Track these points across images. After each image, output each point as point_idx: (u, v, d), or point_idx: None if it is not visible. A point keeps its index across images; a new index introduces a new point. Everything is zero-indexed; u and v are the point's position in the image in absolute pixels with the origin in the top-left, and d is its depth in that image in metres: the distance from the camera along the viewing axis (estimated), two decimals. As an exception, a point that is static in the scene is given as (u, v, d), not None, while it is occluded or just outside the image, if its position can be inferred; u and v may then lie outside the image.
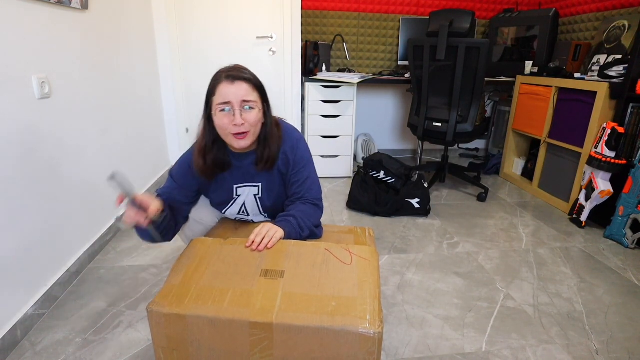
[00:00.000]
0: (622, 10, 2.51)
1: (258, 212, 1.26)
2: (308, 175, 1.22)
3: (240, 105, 1.03)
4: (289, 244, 1.03)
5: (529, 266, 1.73)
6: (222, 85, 1.03)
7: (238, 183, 1.20)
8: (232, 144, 1.08)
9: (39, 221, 1.34)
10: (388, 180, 2.32)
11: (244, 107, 1.03)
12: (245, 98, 1.03)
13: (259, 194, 1.22)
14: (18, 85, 1.25)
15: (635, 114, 1.94)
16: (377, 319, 0.78)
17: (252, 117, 1.04)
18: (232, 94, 1.02)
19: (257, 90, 1.07)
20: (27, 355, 1.17)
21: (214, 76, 1.07)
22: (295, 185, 1.20)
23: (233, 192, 1.21)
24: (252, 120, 1.05)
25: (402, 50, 3.17)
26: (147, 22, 2.46)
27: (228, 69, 1.06)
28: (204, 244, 1.04)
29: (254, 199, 1.23)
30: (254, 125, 1.06)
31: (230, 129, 1.04)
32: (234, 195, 1.21)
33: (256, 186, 1.21)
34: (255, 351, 0.81)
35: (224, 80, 1.03)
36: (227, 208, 1.24)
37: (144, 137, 2.36)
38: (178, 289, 0.86)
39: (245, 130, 1.05)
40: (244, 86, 1.03)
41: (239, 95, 1.02)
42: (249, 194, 1.22)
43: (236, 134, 1.05)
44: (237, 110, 1.02)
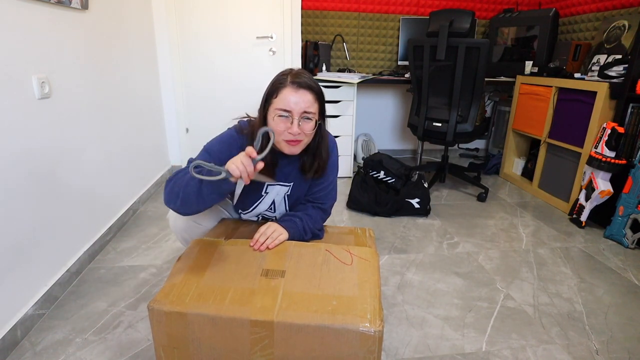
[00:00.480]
0: (622, 10, 2.51)
1: (284, 210, 1.28)
2: (330, 182, 1.24)
3: (300, 115, 1.02)
4: (289, 244, 1.04)
5: (529, 266, 1.73)
6: (286, 90, 1.02)
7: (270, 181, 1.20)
8: (282, 148, 1.07)
9: (39, 221, 1.34)
10: (388, 180, 2.32)
11: (304, 117, 1.03)
12: (307, 109, 1.02)
13: (288, 192, 1.23)
14: (18, 85, 1.25)
15: (635, 114, 1.95)
16: (378, 318, 0.79)
17: (309, 128, 1.04)
18: (294, 102, 1.01)
19: (318, 101, 1.07)
20: (27, 355, 1.17)
21: (278, 76, 1.06)
22: (316, 187, 1.23)
23: (263, 189, 1.21)
24: (308, 130, 1.05)
25: (402, 50, 3.18)
26: (147, 22, 2.46)
27: (295, 73, 1.04)
28: (205, 244, 1.04)
29: (284, 198, 1.24)
30: (308, 135, 1.06)
31: (285, 135, 1.03)
32: (262, 192, 1.22)
33: (288, 186, 1.22)
34: (255, 349, 0.81)
35: (289, 86, 1.02)
36: (255, 206, 1.25)
37: (144, 137, 2.36)
38: (179, 288, 0.86)
39: (300, 139, 1.05)
40: (308, 97, 1.02)
41: (301, 105, 1.01)
42: (280, 192, 1.23)
43: (289, 141, 1.05)
44: (296, 119, 1.02)
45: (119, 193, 1.99)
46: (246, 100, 2.78)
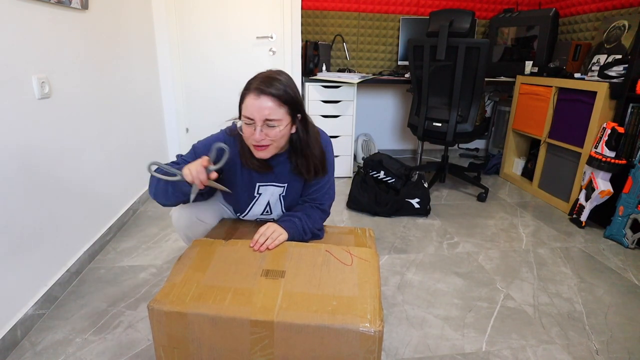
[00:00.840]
0: (622, 10, 2.51)
1: (281, 211, 1.28)
2: (327, 181, 1.23)
3: (262, 122, 1.00)
4: (290, 245, 1.04)
5: (529, 266, 1.73)
6: (249, 97, 1.00)
7: (262, 181, 1.19)
8: (253, 152, 1.08)
9: (39, 221, 1.34)
10: (388, 180, 2.32)
11: (267, 124, 1.01)
12: (269, 117, 1.00)
13: (283, 193, 1.23)
14: (18, 85, 1.25)
15: (635, 114, 1.95)
16: (378, 318, 0.79)
17: (274, 133, 1.02)
18: (255, 110, 0.99)
19: (286, 104, 1.02)
20: (27, 355, 1.17)
21: (248, 81, 1.04)
22: (312, 187, 1.22)
23: (255, 189, 1.21)
24: (275, 135, 1.03)
25: (402, 50, 3.18)
26: (147, 22, 2.46)
27: (261, 78, 1.02)
28: (205, 245, 1.04)
29: (279, 199, 1.24)
30: (275, 140, 1.04)
31: (250, 140, 1.04)
32: (255, 193, 1.21)
33: (282, 187, 1.21)
34: (255, 349, 0.81)
35: (252, 93, 1.00)
36: (250, 208, 1.24)
37: (144, 136, 2.36)
38: (179, 288, 0.86)
39: (266, 144, 1.04)
40: (269, 104, 0.99)
41: (262, 113, 0.99)
42: (274, 193, 1.22)
43: (256, 146, 1.05)
44: (259, 127, 1.00)
45: (119, 193, 1.99)
46: (246, 100, 2.78)
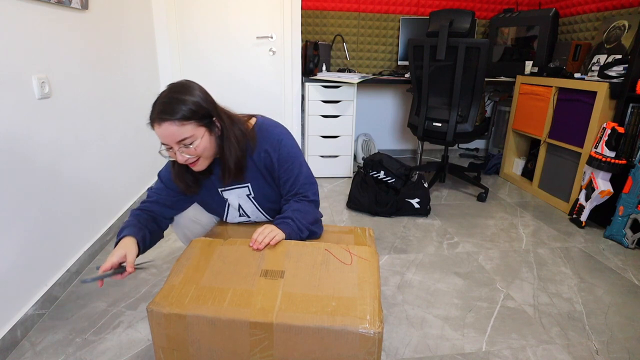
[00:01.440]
0: (622, 10, 2.51)
1: (259, 213, 1.25)
2: (298, 172, 1.16)
3: (177, 145, 0.98)
4: (289, 244, 1.03)
5: (529, 266, 1.73)
6: (155, 127, 0.98)
7: (221, 187, 1.19)
8: None
9: (39, 221, 1.34)
10: (388, 180, 2.32)
11: (181, 145, 0.99)
12: (178, 139, 0.97)
13: (251, 194, 1.20)
14: (18, 85, 1.25)
15: (635, 114, 1.94)
16: (377, 319, 0.78)
17: (193, 150, 1.00)
18: (164, 137, 0.97)
19: (190, 120, 0.97)
20: (27, 355, 1.17)
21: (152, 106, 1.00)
22: (287, 183, 1.16)
23: (221, 195, 1.20)
24: (197, 151, 1.01)
25: (402, 50, 3.17)
26: (147, 22, 2.46)
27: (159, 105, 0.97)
28: (204, 244, 1.04)
29: (249, 200, 1.21)
30: (200, 153, 1.02)
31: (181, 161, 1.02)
32: (222, 197, 1.20)
33: (245, 186, 1.18)
34: (255, 351, 0.81)
35: (155, 123, 0.97)
36: (226, 214, 1.25)
37: (143, 136, 2.36)
38: (178, 289, 0.86)
39: (194, 160, 1.03)
40: (172, 129, 0.95)
41: (172, 138, 0.97)
42: (241, 195, 1.20)
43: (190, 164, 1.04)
44: (177, 150, 0.99)
45: (119, 193, 1.99)
46: (246, 100, 2.78)
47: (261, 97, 2.79)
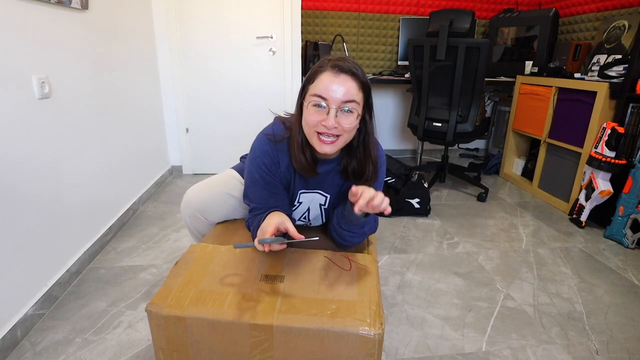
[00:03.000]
0: (622, 10, 2.51)
1: (320, 219, 1.16)
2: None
3: (338, 105, 0.86)
4: (288, 251, 1.03)
5: (529, 266, 1.73)
6: (324, 74, 0.86)
7: (302, 189, 1.07)
8: (314, 145, 0.91)
9: (39, 221, 1.34)
10: (388, 180, 2.32)
11: (342, 108, 0.86)
12: (347, 98, 0.85)
13: (325, 205, 1.10)
14: (18, 85, 1.24)
15: (635, 114, 1.94)
16: (378, 321, 0.78)
17: (348, 122, 0.87)
18: (332, 89, 0.85)
19: (363, 91, 0.89)
20: (27, 355, 1.17)
21: (318, 62, 0.90)
22: None
23: (296, 197, 1.09)
24: (347, 125, 0.87)
25: (402, 50, 3.17)
26: (147, 22, 2.46)
27: (336, 57, 0.89)
28: (203, 250, 1.04)
29: (319, 208, 1.12)
30: (347, 131, 0.89)
31: (318, 127, 0.87)
32: (295, 201, 1.10)
33: (324, 196, 1.07)
34: (255, 352, 0.81)
35: (328, 70, 0.86)
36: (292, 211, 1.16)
37: (144, 136, 2.36)
38: (177, 291, 0.86)
39: (337, 134, 0.88)
40: (349, 83, 0.86)
41: (341, 93, 0.85)
42: (314, 201, 1.10)
43: (323, 136, 0.88)
44: (333, 109, 0.85)
45: (119, 193, 1.99)
46: (246, 100, 2.78)
47: (261, 97, 2.79)
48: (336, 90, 0.85)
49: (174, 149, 2.84)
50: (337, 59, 0.88)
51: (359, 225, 0.98)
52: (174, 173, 2.89)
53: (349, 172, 1.00)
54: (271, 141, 0.99)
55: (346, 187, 1.04)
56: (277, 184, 1.02)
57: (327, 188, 1.07)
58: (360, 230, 1.01)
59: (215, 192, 1.18)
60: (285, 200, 1.06)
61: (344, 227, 1.01)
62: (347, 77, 0.86)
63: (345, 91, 0.85)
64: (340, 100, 0.85)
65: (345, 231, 1.01)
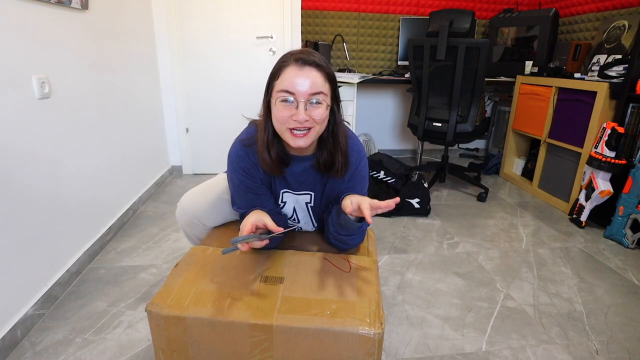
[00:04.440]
0: (622, 10, 2.51)
1: (310, 222, 1.15)
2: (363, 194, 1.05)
3: (306, 97, 0.85)
4: (287, 253, 1.03)
5: (529, 266, 1.73)
6: (288, 69, 0.85)
7: (284, 188, 1.05)
8: (287, 140, 0.90)
9: (39, 221, 1.34)
10: (388, 180, 2.32)
11: (311, 100, 0.86)
12: (314, 90, 0.85)
13: (311, 202, 1.08)
14: (18, 85, 1.24)
15: (635, 114, 1.94)
16: (377, 320, 0.78)
17: (318, 114, 0.87)
18: (299, 83, 0.84)
19: (329, 81, 0.89)
20: (27, 355, 1.17)
21: (281, 57, 0.90)
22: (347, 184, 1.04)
23: (279, 197, 1.07)
24: (318, 117, 0.87)
25: (402, 50, 3.17)
26: (147, 22, 2.46)
27: (298, 50, 0.88)
28: (203, 252, 1.04)
29: (306, 208, 1.10)
30: (319, 123, 0.88)
31: (289, 123, 0.87)
32: (279, 201, 1.08)
33: (308, 194, 1.06)
34: (255, 352, 0.81)
35: (292, 64, 0.85)
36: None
37: (144, 136, 2.36)
38: (177, 291, 0.86)
39: (309, 127, 0.88)
40: (314, 74, 0.85)
41: (308, 85, 0.84)
42: (298, 201, 1.08)
43: (294, 130, 0.88)
44: (302, 103, 0.85)
45: (119, 193, 1.99)
46: (246, 100, 2.78)
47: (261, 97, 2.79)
48: (302, 83, 0.84)
49: (174, 149, 2.84)
50: (299, 52, 0.87)
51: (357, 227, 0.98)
52: (174, 173, 2.89)
53: (320, 164, 0.99)
54: (245, 145, 0.99)
55: (330, 184, 1.04)
56: (258, 186, 1.02)
57: (308, 186, 1.05)
58: (359, 230, 1.01)
59: (210, 197, 1.17)
60: (270, 200, 1.06)
61: (343, 233, 1.00)
62: (311, 69, 0.86)
63: (311, 83, 0.85)
64: (307, 92, 0.85)
65: (345, 236, 1.01)
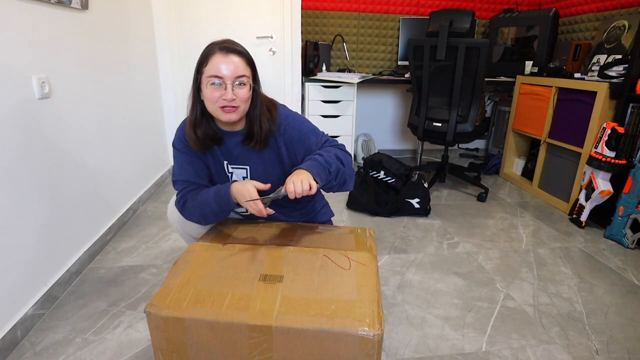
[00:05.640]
0: (622, 10, 2.51)
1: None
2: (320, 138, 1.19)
3: (232, 80, 1.01)
4: (288, 250, 1.03)
5: (529, 266, 1.73)
6: (215, 56, 1.01)
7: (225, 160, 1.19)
8: (219, 117, 1.06)
9: (39, 221, 1.34)
10: (388, 180, 2.32)
11: (236, 82, 1.02)
12: (238, 73, 1.01)
13: (247, 177, 1.20)
14: (18, 85, 1.24)
15: (635, 114, 1.94)
16: (377, 322, 0.78)
17: (243, 93, 1.03)
18: (225, 67, 1.00)
19: (249, 65, 1.06)
20: (27, 355, 1.17)
21: (206, 47, 1.04)
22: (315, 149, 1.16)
23: (225, 168, 1.19)
24: (243, 96, 1.03)
25: (402, 50, 3.17)
26: (147, 22, 2.46)
27: (221, 40, 1.04)
28: (202, 249, 1.04)
29: None
30: (244, 101, 1.04)
31: (219, 102, 1.02)
32: (226, 171, 1.19)
33: (244, 168, 1.19)
34: (254, 353, 0.81)
35: (218, 52, 1.01)
36: None
37: (144, 136, 2.36)
38: (176, 292, 0.86)
39: (235, 105, 1.04)
40: (236, 60, 1.01)
41: (232, 69, 1.00)
42: (237, 174, 1.20)
43: (224, 107, 1.03)
44: (229, 84, 1.00)
45: (119, 193, 1.99)
46: (246, 100, 2.78)
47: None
48: (228, 67, 1.00)
49: (174, 149, 2.84)
50: (223, 42, 1.03)
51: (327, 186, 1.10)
52: (174, 173, 2.89)
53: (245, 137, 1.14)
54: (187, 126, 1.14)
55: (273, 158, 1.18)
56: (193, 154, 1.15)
57: (243, 160, 1.17)
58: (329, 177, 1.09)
59: None
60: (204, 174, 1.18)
61: None
62: (234, 56, 1.02)
63: (235, 68, 1.01)
64: (233, 76, 1.01)
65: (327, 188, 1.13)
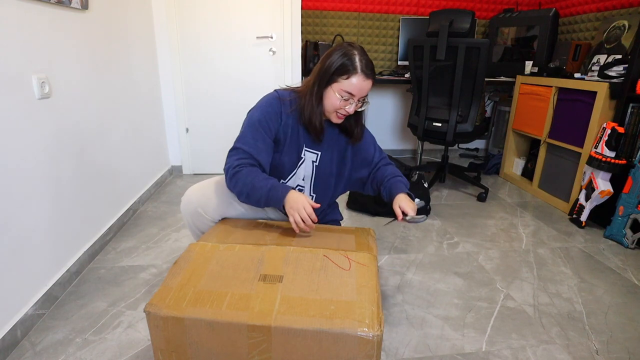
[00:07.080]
0: (622, 10, 2.51)
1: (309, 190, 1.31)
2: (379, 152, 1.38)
3: (358, 99, 1.16)
4: (287, 250, 1.03)
5: (529, 266, 1.73)
6: (357, 77, 1.11)
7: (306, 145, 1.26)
8: (330, 118, 1.20)
9: (39, 221, 1.34)
10: (388, 180, 2.32)
11: (361, 100, 1.17)
12: (365, 94, 1.16)
13: (316, 162, 1.28)
14: (18, 85, 1.24)
15: (635, 114, 1.94)
16: (376, 322, 0.78)
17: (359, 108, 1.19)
18: (359, 90, 1.13)
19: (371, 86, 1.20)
20: (27, 355, 1.17)
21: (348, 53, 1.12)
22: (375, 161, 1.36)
23: (302, 152, 1.26)
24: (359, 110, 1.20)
25: (402, 50, 3.17)
26: (147, 22, 2.46)
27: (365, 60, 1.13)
28: (202, 249, 1.03)
29: (312, 168, 1.29)
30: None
31: (340, 110, 1.16)
32: (301, 155, 1.26)
33: (316, 153, 1.27)
34: (253, 354, 0.81)
35: (361, 74, 1.11)
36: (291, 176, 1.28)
37: (144, 136, 2.36)
38: (176, 292, 0.86)
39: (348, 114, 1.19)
40: (370, 85, 1.15)
41: (363, 92, 1.14)
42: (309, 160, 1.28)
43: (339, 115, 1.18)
44: (355, 102, 1.15)
45: (119, 193, 1.99)
46: (246, 100, 2.78)
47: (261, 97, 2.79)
48: (362, 90, 1.14)
49: (174, 148, 2.84)
50: (366, 63, 1.13)
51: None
52: (174, 173, 2.90)
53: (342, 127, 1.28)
54: (279, 99, 1.22)
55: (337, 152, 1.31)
56: (270, 135, 1.19)
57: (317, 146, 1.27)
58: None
59: (216, 187, 1.27)
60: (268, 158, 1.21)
61: None
62: (370, 81, 1.15)
63: (366, 91, 1.16)
64: (362, 96, 1.17)
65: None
